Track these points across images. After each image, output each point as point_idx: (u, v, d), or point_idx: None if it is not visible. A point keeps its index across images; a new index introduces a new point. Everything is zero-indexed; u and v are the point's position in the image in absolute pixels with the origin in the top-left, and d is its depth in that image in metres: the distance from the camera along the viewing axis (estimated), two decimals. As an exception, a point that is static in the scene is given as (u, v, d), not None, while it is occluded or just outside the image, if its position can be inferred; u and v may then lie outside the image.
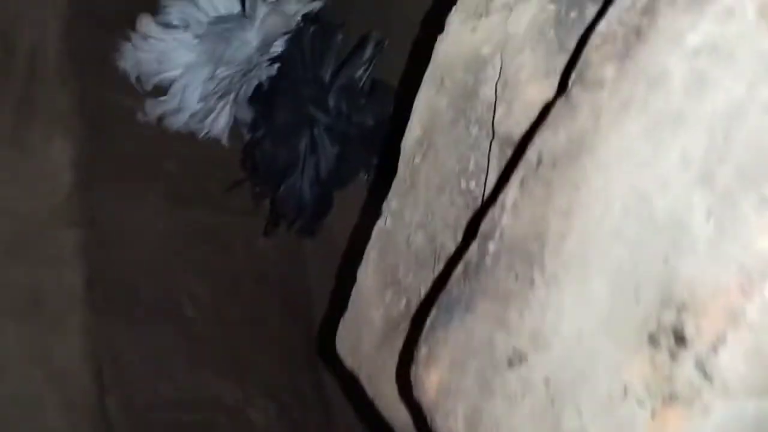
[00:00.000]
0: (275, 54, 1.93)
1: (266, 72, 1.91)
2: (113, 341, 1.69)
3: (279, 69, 1.87)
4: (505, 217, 0.69)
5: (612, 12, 0.66)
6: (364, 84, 1.85)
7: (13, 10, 1.86)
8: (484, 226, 0.72)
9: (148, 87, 1.95)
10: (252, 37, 1.91)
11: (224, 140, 2.00)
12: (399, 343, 0.98)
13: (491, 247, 0.70)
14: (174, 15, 1.97)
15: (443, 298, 0.73)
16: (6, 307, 1.59)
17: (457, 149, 0.97)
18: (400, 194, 1.06)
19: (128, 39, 1.94)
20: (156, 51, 1.93)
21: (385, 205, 1.10)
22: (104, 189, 1.79)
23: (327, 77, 1.85)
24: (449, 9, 1.03)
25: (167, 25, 1.96)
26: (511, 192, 0.70)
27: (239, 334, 1.95)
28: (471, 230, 0.81)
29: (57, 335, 1.61)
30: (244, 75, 1.89)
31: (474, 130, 0.95)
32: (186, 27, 1.96)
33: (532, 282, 0.65)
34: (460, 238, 0.95)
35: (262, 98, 1.90)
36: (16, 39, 1.82)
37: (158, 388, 1.77)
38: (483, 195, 0.91)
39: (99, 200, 1.76)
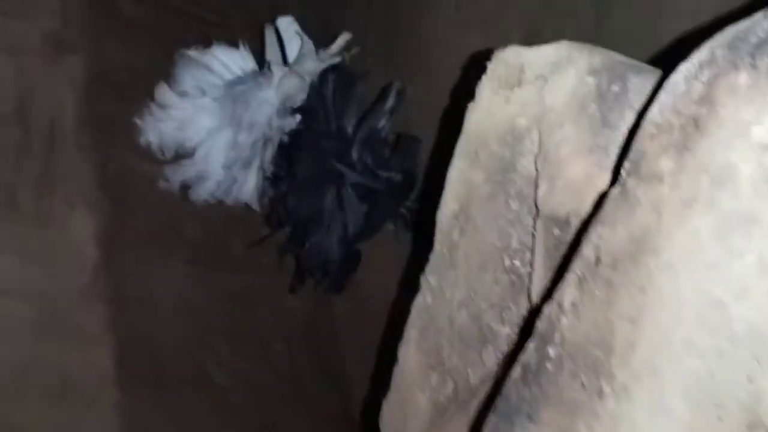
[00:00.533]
0: (296, 106, 1.91)
1: (288, 126, 1.89)
2: (144, 417, 1.65)
3: (301, 121, 1.85)
4: (564, 318, 0.65)
5: (665, 98, 0.62)
6: (387, 135, 1.82)
7: (28, 84, 1.85)
8: (541, 325, 0.68)
9: (170, 154, 1.92)
10: (270, 96, 1.89)
11: (255, 206, 1.97)
12: (449, 430, 0.93)
13: (551, 351, 0.65)
14: (188, 82, 1.95)
15: (501, 404, 0.69)
16: (36, 389, 1.56)
17: (498, 225, 0.93)
18: (439, 270, 1.02)
19: (147, 109, 1.92)
20: (175, 119, 1.92)
21: (423, 280, 1.06)
22: (128, 261, 1.76)
23: (350, 129, 1.82)
24: (476, 74, 1.00)
25: (183, 93, 1.94)
26: (568, 291, 0.65)
27: (271, 398, 1.91)
28: (526, 328, 0.76)
29: (88, 416, 1.58)
30: (267, 139, 1.87)
31: (514, 205, 0.91)
32: (203, 92, 1.94)
33: (600, 392, 0.61)
34: (506, 318, 0.91)
35: (284, 152, 1.87)
36: (33, 113, 1.81)
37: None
38: (529, 274, 0.87)
39: (124, 273, 1.73)
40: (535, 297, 0.85)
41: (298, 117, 1.86)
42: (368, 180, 1.78)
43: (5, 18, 1.88)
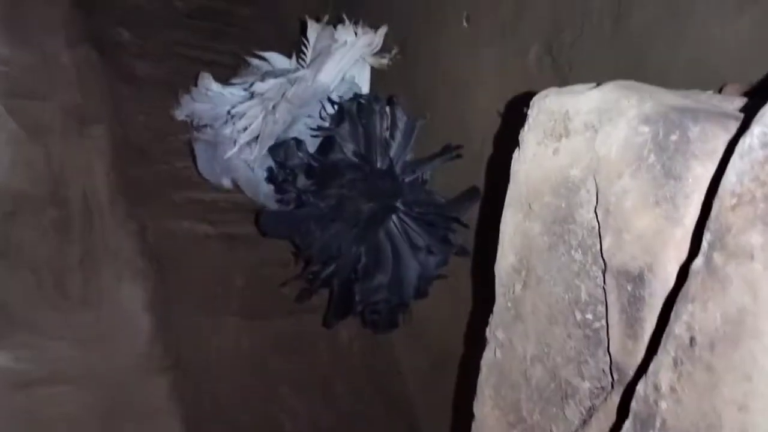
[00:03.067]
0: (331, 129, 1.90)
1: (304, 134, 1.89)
2: (223, 481, 1.65)
3: (342, 144, 1.83)
4: (663, 403, 0.62)
5: (740, 165, 0.59)
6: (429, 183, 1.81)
7: (58, 163, 1.86)
8: (637, 406, 0.65)
9: (200, 130, 1.98)
10: (310, 76, 1.90)
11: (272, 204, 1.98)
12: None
13: (654, 437, 0.63)
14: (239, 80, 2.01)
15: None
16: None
17: (563, 277, 0.90)
18: (505, 324, 1.00)
19: (185, 94, 2.01)
20: (211, 101, 1.98)
21: (489, 334, 1.04)
22: (182, 324, 1.76)
23: (398, 166, 1.80)
24: (515, 119, 0.97)
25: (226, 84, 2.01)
26: (664, 373, 0.63)
27: (340, 438, 1.91)
28: (622, 408, 0.74)
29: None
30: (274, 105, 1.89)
31: (578, 256, 0.88)
32: (244, 86, 1.98)
33: (714, 482, 0.58)
34: (585, 373, 0.88)
35: (322, 179, 1.84)
36: (67, 191, 1.82)
37: None
38: (605, 329, 0.84)
39: (179, 338, 1.73)
40: (615, 354, 0.82)
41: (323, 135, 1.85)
42: (421, 223, 1.76)
43: (24, 100, 1.89)
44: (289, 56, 2.10)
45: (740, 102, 0.92)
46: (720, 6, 1.41)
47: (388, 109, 1.86)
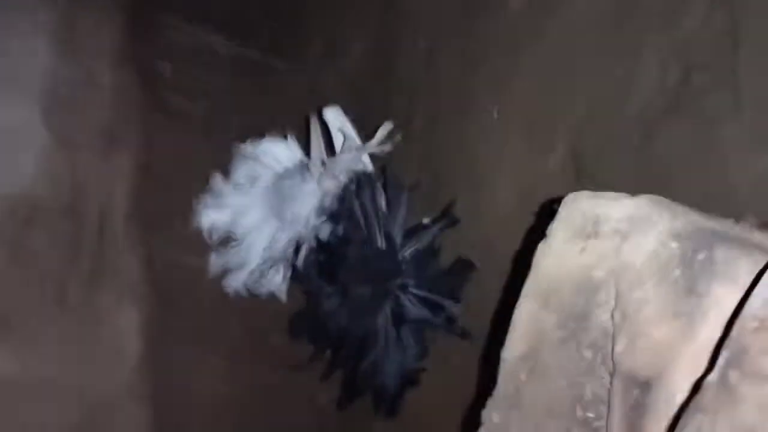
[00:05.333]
0: (335, 210, 1.93)
1: (324, 230, 1.91)
2: None
3: (344, 229, 1.86)
4: (663, 508, 0.64)
5: (765, 293, 0.63)
6: (437, 251, 1.83)
7: (81, 179, 1.89)
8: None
9: (216, 243, 1.95)
10: (314, 190, 1.92)
11: (283, 297, 1.98)
12: None
13: None
14: (241, 173, 2.00)
15: None
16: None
17: (569, 372, 0.93)
18: (503, 409, 1.01)
19: (201, 198, 1.97)
20: (228, 208, 1.97)
21: (485, 416, 1.05)
22: (169, 357, 1.77)
23: (398, 240, 1.82)
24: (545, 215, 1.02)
25: (237, 184, 1.98)
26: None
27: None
28: None
29: None
30: (301, 239, 1.90)
31: (588, 354, 0.91)
32: (253, 183, 1.98)
33: None
34: (579, 471, 0.90)
35: (328, 260, 1.88)
36: (85, 208, 1.84)
37: None
38: (605, 429, 0.86)
39: (166, 369, 1.73)
40: (614, 456, 0.84)
41: (336, 222, 1.88)
42: (426, 293, 1.78)
43: (61, 114, 1.94)
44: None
45: (759, 235, 0.97)
46: (749, 140, 1.47)
47: (382, 182, 1.89)
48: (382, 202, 1.84)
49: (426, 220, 1.88)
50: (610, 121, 1.72)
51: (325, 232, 1.91)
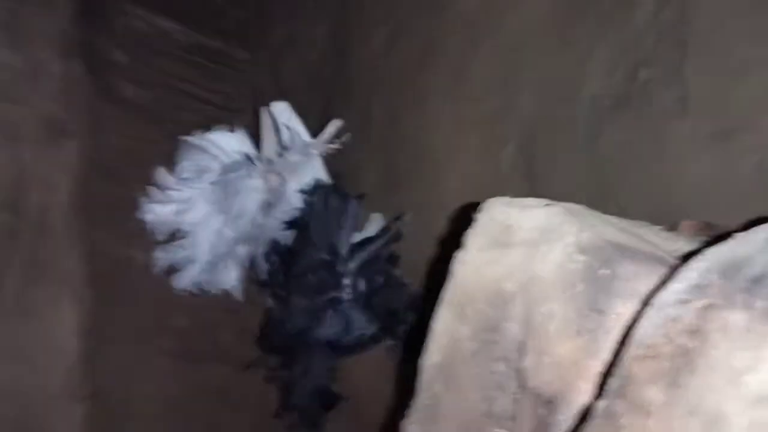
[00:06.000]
0: (289, 217, 1.89)
1: (276, 232, 1.88)
2: None
3: (295, 238, 1.83)
4: None
5: (654, 317, 0.60)
6: (382, 262, 1.80)
7: (20, 168, 1.84)
8: None
9: (163, 237, 1.91)
10: (258, 185, 1.88)
11: (238, 295, 1.95)
12: None
13: None
14: (187, 166, 1.95)
15: None
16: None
17: (482, 385, 0.90)
18: (421, 421, 0.98)
19: (146, 191, 1.91)
20: (173, 202, 1.92)
21: (404, 427, 1.02)
22: (111, 355, 1.73)
23: (344, 251, 1.79)
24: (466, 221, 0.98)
25: (183, 177, 1.94)
26: None
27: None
28: None
29: None
30: (251, 238, 1.86)
31: (499, 368, 0.88)
32: (199, 176, 1.94)
33: None
34: (488, 488, 0.87)
35: (278, 268, 1.85)
36: (25, 200, 1.79)
37: None
38: (513, 447, 0.84)
39: (105, 369, 1.69)
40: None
41: (286, 228, 1.85)
42: (353, 314, 1.75)
43: (5, 104, 1.88)
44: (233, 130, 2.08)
45: (684, 243, 0.94)
46: (691, 140, 1.45)
47: (334, 194, 1.86)
48: (332, 211, 1.80)
49: (372, 232, 1.84)
50: (559, 118, 1.69)
51: (279, 238, 1.88)
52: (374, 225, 1.95)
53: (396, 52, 2.16)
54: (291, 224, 1.84)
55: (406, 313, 1.71)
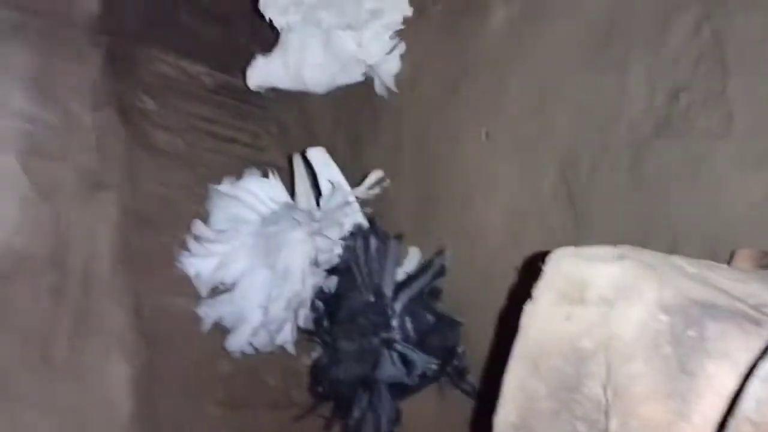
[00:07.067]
0: (331, 265, 1.89)
1: (321, 284, 1.87)
2: None
3: (338, 283, 1.82)
4: None
5: (760, 390, 0.58)
6: (429, 301, 1.78)
7: (64, 226, 1.85)
8: None
9: (206, 291, 1.91)
10: (301, 239, 1.88)
11: (291, 350, 1.94)
12: None
13: None
14: (222, 216, 1.95)
15: None
16: None
17: (563, 445, 0.88)
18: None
19: (184, 244, 1.92)
20: (213, 255, 1.92)
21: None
22: (163, 408, 1.73)
23: (389, 292, 1.77)
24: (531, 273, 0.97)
25: (220, 229, 1.94)
26: None
27: None
28: None
29: None
30: (302, 300, 1.86)
31: (581, 428, 0.86)
32: (238, 226, 1.93)
33: None
34: None
35: (323, 315, 1.84)
36: (69, 256, 1.81)
37: None
38: None
39: (158, 422, 1.69)
40: None
41: (334, 277, 1.84)
42: (411, 353, 1.73)
43: (41, 160, 1.90)
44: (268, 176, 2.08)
45: (757, 286, 0.92)
46: (737, 163, 1.42)
47: (374, 237, 1.85)
48: (373, 253, 1.79)
49: (414, 269, 1.82)
50: (600, 144, 1.67)
51: (323, 285, 1.88)
52: (412, 260, 1.93)
53: (423, 81, 2.15)
54: (333, 270, 1.84)
55: (462, 350, 1.68)
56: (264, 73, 2.05)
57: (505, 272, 1.75)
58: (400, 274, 1.85)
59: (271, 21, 2.04)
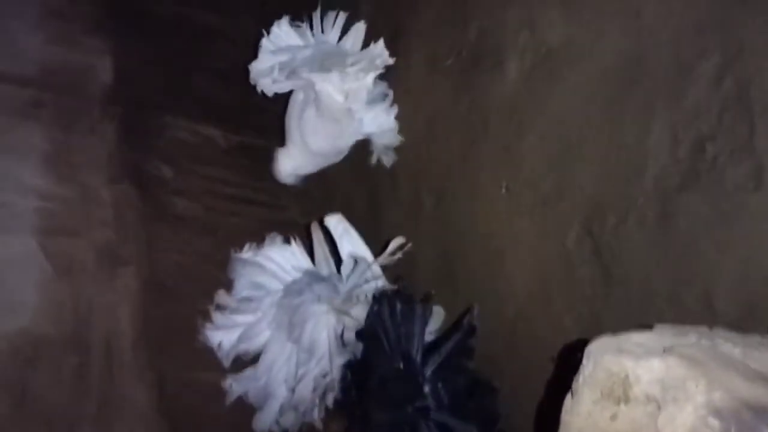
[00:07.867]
0: (358, 330, 1.85)
1: (351, 353, 1.83)
2: None
3: (363, 350, 1.78)
4: None
5: None
6: (460, 363, 1.72)
7: (85, 304, 1.83)
8: None
9: (228, 363, 1.87)
10: (325, 311, 1.84)
11: (319, 426, 1.90)
12: None
13: None
14: (244, 284, 1.92)
15: None
16: None
17: None
18: None
19: (207, 315, 1.89)
20: (237, 326, 1.89)
21: None
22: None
23: (417, 356, 1.72)
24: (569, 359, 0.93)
25: (243, 298, 1.91)
26: None
27: None
28: None
29: None
30: (330, 380, 1.82)
31: None
32: (260, 296, 1.90)
33: None
34: None
35: (351, 384, 1.79)
36: (89, 338, 1.79)
37: None
38: None
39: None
40: None
41: (360, 344, 1.80)
42: (449, 421, 1.66)
43: (59, 237, 1.89)
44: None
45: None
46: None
47: (399, 300, 1.80)
48: (399, 318, 1.75)
49: (440, 329, 1.77)
50: (624, 196, 1.63)
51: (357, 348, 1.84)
52: (436, 320, 1.88)
53: (439, 137, 2.13)
54: (359, 336, 1.79)
55: (502, 416, 1.62)
56: (288, 166, 2.06)
57: (532, 332, 1.71)
58: (428, 336, 1.80)
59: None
